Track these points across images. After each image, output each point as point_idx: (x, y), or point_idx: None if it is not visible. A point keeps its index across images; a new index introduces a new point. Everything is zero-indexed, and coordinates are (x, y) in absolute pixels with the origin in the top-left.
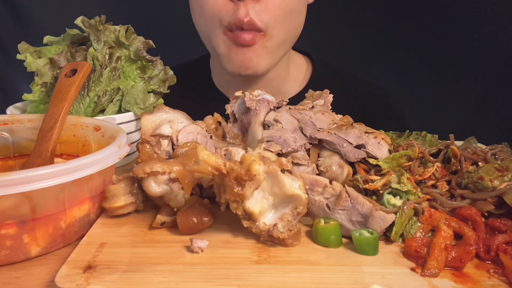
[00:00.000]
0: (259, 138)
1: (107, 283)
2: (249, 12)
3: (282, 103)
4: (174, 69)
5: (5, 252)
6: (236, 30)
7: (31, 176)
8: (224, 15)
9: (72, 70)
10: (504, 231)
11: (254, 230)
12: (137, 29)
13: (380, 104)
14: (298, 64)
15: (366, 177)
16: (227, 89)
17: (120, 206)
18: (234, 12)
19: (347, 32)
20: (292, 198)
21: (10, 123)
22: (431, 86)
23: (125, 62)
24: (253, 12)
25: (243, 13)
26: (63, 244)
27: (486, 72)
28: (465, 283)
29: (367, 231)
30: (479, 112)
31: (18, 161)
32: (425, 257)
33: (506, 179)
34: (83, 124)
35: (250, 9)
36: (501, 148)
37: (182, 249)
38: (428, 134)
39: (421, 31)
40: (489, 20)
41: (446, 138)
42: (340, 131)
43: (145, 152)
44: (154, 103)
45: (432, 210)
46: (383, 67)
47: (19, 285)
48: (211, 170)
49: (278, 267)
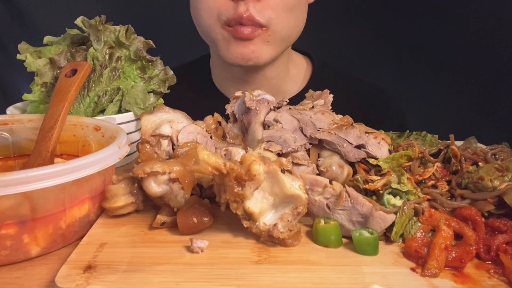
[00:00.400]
0: (259, 138)
1: (107, 283)
2: (249, 9)
3: (282, 103)
4: (174, 69)
5: (5, 252)
6: (235, 25)
7: (31, 176)
8: (223, 12)
9: (72, 70)
10: (504, 231)
11: (254, 230)
12: (137, 29)
13: (380, 104)
14: (298, 64)
15: (366, 177)
16: (227, 89)
17: (120, 206)
18: (233, 9)
19: (347, 32)
20: (292, 198)
21: (10, 123)
22: (431, 86)
23: (125, 62)
24: (253, 10)
25: (242, 9)
26: (63, 244)
27: (486, 72)
28: (465, 283)
29: (367, 231)
30: (479, 112)
31: (18, 161)
32: (425, 257)
33: (506, 179)
34: (83, 124)
35: (250, 7)
36: (501, 148)
37: (182, 249)
38: (428, 134)
39: (421, 31)
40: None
41: (446, 138)
42: (340, 131)
43: (145, 152)
44: (154, 103)
45: (432, 210)
46: (383, 67)
47: (19, 285)
48: (211, 170)
49: (278, 267)
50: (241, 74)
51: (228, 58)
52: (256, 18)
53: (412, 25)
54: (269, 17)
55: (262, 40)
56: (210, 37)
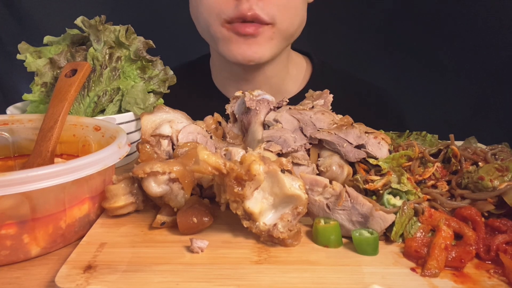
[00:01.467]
0: (259, 138)
1: (107, 283)
2: (253, 7)
3: (282, 103)
4: (174, 69)
5: (5, 252)
6: (235, 23)
7: (31, 176)
8: (225, 10)
9: (72, 70)
10: (504, 231)
11: (254, 230)
12: (137, 29)
13: (379, 103)
14: (298, 63)
15: (366, 177)
16: (227, 88)
17: (120, 206)
18: (236, 6)
19: (347, 32)
20: (292, 198)
21: (10, 123)
22: (431, 86)
23: (125, 62)
24: (256, 7)
25: (246, 7)
26: (63, 244)
27: (486, 72)
28: (465, 283)
29: (367, 231)
30: (479, 112)
31: (18, 161)
32: (425, 257)
33: (506, 179)
34: (83, 124)
35: (253, 5)
36: (501, 148)
37: (182, 249)
38: (428, 134)
39: (421, 31)
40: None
41: (446, 138)
42: (340, 131)
43: (145, 152)
44: (154, 103)
45: (432, 210)
46: (383, 67)
47: (19, 285)
48: (211, 170)
49: (278, 267)
50: (241, 72)
51: (229, 56)
52: (261, 16)
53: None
54: (274, 14)
55: (266, 37)
56: (210, 35)
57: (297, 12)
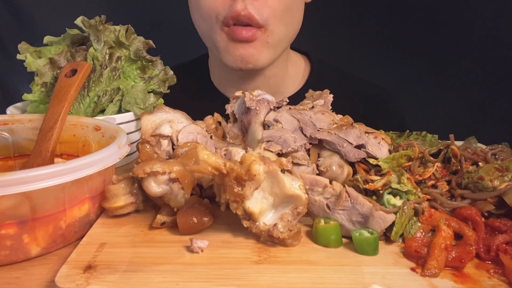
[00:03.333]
0: (259, 138)
1: (107, 283)
2: (247, 7)
3: (282, 103)
4: (173, 69)
5: (5, 252)
6: (232, 24)
7: (31, 176)
8: (221, 10)
9: (72, 70)
10: (504, 231)
11: (254, 230)
12: (137, 29)
13: (379, 103)
14: (297, 63)
15: (366, 177)
16: (226, 88)
17: (120, 206)
18: (230, 6)
19: (347, 32)
20: (292, 198)
21: (10, 123)
22: (431, 86)
23: (125, 62)
24: (251, 7)
25: (240, 6)
26: (63, 244)
27: (486, 72)
28: (465, 283)
29: (367, 231)
30: (479, 112)
31: (18, 161)
32: (425, 257)
33: (506, 179)
34: (83, 124)
35: (248, 5)
36: (501, 148)
37: (182, 249)
38: (428, 134)
39: (421, 30)
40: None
41: (446, 138)
42: (340, 131)
43: (145, 152)
44: (154, 103)
45: (432, 210)
46: (383, 67)
47: (19, 285)
48: (211, 170)
49: (278, 267)
50: (240, 73)
51: (228, 61)
52: (254, 16)
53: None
54: (267, 16)
55: (262, 42)
56: (210, 39)
57: (291, 13)
